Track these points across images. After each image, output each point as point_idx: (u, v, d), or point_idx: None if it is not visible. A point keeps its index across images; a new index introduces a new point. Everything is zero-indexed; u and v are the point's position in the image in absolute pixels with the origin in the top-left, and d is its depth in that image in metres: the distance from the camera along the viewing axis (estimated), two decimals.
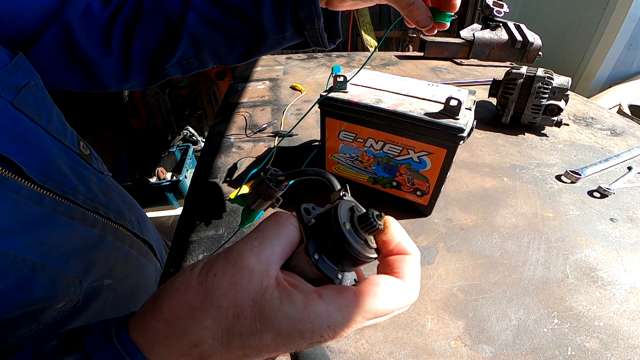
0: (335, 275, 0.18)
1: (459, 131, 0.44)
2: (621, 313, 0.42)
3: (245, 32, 0.41)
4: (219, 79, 2.33)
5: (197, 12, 0.39)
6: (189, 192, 0.65)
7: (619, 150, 0.73)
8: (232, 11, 0.40)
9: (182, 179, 1.85)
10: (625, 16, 1.74)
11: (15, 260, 0.25)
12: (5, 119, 0.28)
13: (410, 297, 0.18)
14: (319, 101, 0.50)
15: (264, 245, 0.17)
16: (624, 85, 1.79)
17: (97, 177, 0.39)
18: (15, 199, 0.26)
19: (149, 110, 2.35)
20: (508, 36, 1.08)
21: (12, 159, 0.26)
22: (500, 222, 0.56)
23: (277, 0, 0.39)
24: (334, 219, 0.18)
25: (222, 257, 0.17)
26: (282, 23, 0.40)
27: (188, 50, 0.42)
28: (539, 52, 1.06)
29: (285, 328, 0.16)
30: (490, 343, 0.40)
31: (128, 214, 0.43)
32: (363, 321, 0.17)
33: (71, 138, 0.37)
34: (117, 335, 0.17)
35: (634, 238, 0.53)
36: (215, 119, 0.88)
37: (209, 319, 0.16)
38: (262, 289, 0.16)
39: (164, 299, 0.17)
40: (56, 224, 0.30)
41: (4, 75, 0.29)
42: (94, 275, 0.34)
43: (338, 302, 0.17)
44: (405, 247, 0.20)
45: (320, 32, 0.41)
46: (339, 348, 0.40)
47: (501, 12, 1.06)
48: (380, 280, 0.18)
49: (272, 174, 0.28)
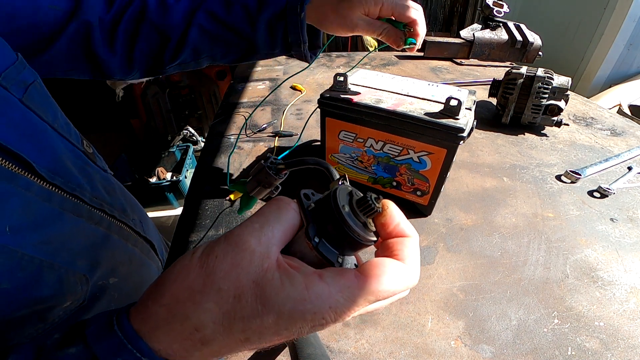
0: (336, 258, 0.18)
1: (459, 131, 0.44)
2: (621, 313, 0.42)
3: (240, 45, 0.47)
4: (219, 79, 2.33)
5: (200, 27, 0.44)
6: (189, 192, 0.65)
7: (619, 150, 0.73)
8: (230, 28, 0.45)
9: (182, 179, 1.85)
10: (625, 16, 1.74)
11: (23, 258, 0.25)
12: (16, 115, 0.28)
13: (411, 280, 0.18)
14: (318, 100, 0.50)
15: (264, 228, 0.17)
16: (624, 85, 1.79)
17: (101, 175, 0.40)
18: (25, 196, 0.26)
19: (149, 110, 2.35)
20: (508, 36, 1.07)
21: (22, 155, 0.26)
22: (500, 222, 0.56)
23: (270, 26, 0.45)
24: (333, 203, 0.18)
25: (222, 240, 0.17)
26: (273, 44, 0.47)
27: (188, 57, 0.47)
28: (539, 52, 1.06)
29: (286, 309, 0.16)
30: (490, 343, 0.40)
31: (131, 213, 0.43)
32: (364, 303, 0.17)
33: (75, 136, 0.38)
34: (118, 323, 0.17)
35: (634, 238, 0.53)
36: (215, 119, 0.88)
37: (210, 301, 0.16)
38: (263, 271, 0.16)
39: (165, 284, 0.17)
40: (64, 221, 0.30)
41: (13, 72, 0.30)
42: (99, 273, 0.34)
43: (339, 283, 0.16)
44: (404, 229, 0.20)
45: (304, 52, 0.47)
46: (339, 348, 0.40)
47: (501, 12, 1.06)
48: (381, 262, 0.18)
49: (273, 162, 0.28)
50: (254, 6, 0.44)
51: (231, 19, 0.45)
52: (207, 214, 0.58)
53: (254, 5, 0.45)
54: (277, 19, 0.45)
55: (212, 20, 0.44)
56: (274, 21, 0.45)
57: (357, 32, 0.44)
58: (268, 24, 0.45)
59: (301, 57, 0.49)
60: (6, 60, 0.30)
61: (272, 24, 0.45)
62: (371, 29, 0.44)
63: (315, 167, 0.25)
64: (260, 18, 0.44)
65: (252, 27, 0.45)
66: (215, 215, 0.58)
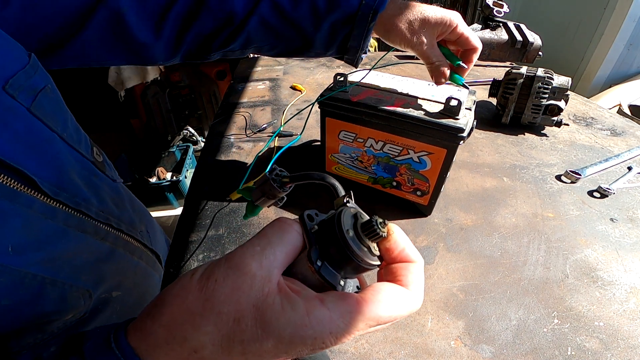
0: (338, 282, 0.18)
1: (459, 131, 0.44)
2: (621, 313, 0.42)
3: (295, 42, 0.45)
4: (219, 79, 2.32)
5: (261, 18, 0.42)
6: (189, 192, 0.65)
7: (619, 150, 0.73)
8: (292, 24, 0.43)
9: (182, 179, 1.85)
10: (625, 16, 1.74)
11: (26, 277, 0.24)
12: (20, 126, 0.27)
13: (414, 305, 0.18)
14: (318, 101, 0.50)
15: (266, 251, 0.17)
16: (624, 85, 1.79)
17: (109, 185, 0.38)
18: (27, 214, 0.25)
19: (149, 110, 2.35)
20: (508, 36, 1.07)
21: (25, 171, 0.25)
22: (500, 222, 0.56)
23: (334, 28, 0.43)
24: (337, 226, 0.18)
25: (223, 263, 0.17)
26: (329, 45, 0.45)
27: (238, 46, 0.45)
28: (539, 52, 1.06)
29: (286, 334, 0.16)
30: (490, 343, 0.40)
31: (139, 224, 0.42)
32: (365, 328, 0.17)
33: (85, 144, 0.36)
34: (116, 340, 0.17)
35: (634, 238, 0.53)
36: (215, 119, 0.88)
37: (209, 324, 0.16)
38: (264, 295, 0.16)
39: (164, 304, 0.17)
40: (68, 238, 0.29)
41: (22, 77, 0.28)
42: (103, 287, 0.33)
43: (340, 308, 0.16)
44: (409, 254, 0.20)
45: (358, 58, 0.46)
46: (339, 348, 0.40)
47: (501, 12, 1.06)
48: (383, 287, 0.18)
49: (277, 174, 0.28)
50: (323, 6, 0.43)
51: (296, 14, 0.43)
52: (207, 214, 0.58)
53: (323, 5, 0.43)
54: (344, 23, 0.43)
55: (276, 13, 0.43)
56: (340, 24, 0.43)
57: (414, 50, 0.43)
58: (332, 26, 0.43)
59: (350, 62, 0.48)
60: (15, 64, 0.28)
61: (336, 27, 0.43)
62: (427, 54, 0.42)
63: (320, 182, 0.24)
64: (327, 19, 0.43)
65: (316, 27, 0.43)
66: (215, 215, 0.58)
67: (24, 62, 0.29)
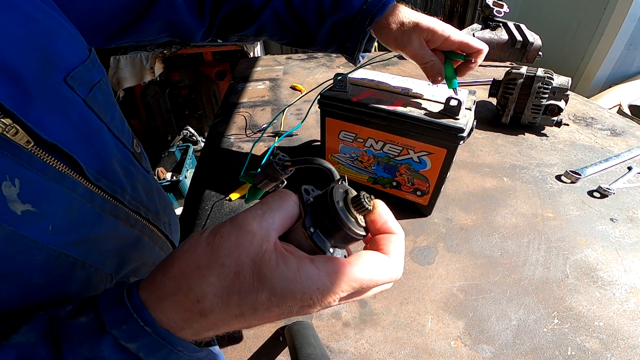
0: (327, 248, 0.20)
1: (459, 131, 0.44)
2: (621, 313, 0.42)
3: (299, 35, 0.49)
4: (219, 79, 2.32)
5: (274, 9, 0.47)
6: (189, 192, 0.65)
7: (619, 150, 0.73)
8: (298, 19, 0.47)
9: (182, 179, 1.85)
10: (625, 16, 1.74)
11: (60, 256, 0.25)
12: (75, 116, 0.28)
13: (394, 272, 0.20)
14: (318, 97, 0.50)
15: (266, 214, 0.19)
16: (624, 85, 1.79)
17: (143, 176, 0.40)
18: (71, 197, 0.27)
19: (149, 110, 2.35)
20: (508, 36, 1.07)
21: (74, 156, 0.27)
22: (500, 222, 0.56)
23: (334, 28, 0.47)
24: (330, 198, 0.20)
25: (228, 222, 0.19)
26: (329, 44, 0.49)
27: (251, 32, 0.50)
28: (539, 52, 1.06)
29: (279, 287, 0.17)
30: (490, 343, 0.40)
31: (163, 215, 0.44)
32: (348, 289, 0.18)
33: (127, 136, 0.38)
34: (128, 294, 0.18)
35: (634, 238, 0.53)
36: (215, 119, 0.89)
37: (213, 275, 0.17)
38: (262, 252, 0.18)
39: (174, 259, 0.19)
40: (102, 222, 0.30)
41: (82, 71, 0.30)
42: (124, 273, 0.34)
43: (327, 267, 0.18)
44: (391, 226, 0.22)
45: (356, 57, 0.49)
46: (339, 348, 0.40)
47: (501, 12, 1.06)
48: (366, 253, 0.20)
49: (280, 158, 0.31)
50: (328, 6, 0.46)
51: (303, 10, 0.46)
52: (207, 213, 0.58)
53: (329, 4, 0.46)
54: (343, 25, 0.46)
55: (286, 6, 0.46)
56: (339, 25, 0.46)
57: (406, 52, 0.45)
58: (333, 26, 0.46)
59: (350, 60, 0.50)
60: (76, 58, 0.30)
61: (336, 28, 0.46)
62: (419, 56, 0.44)
63: (318, 166, 0.27)
64: (330, 18, 0.46)
65: (318, 25, 0.47)
66: (216, 215, 0.58)
67: (85, 57, 0.31)
